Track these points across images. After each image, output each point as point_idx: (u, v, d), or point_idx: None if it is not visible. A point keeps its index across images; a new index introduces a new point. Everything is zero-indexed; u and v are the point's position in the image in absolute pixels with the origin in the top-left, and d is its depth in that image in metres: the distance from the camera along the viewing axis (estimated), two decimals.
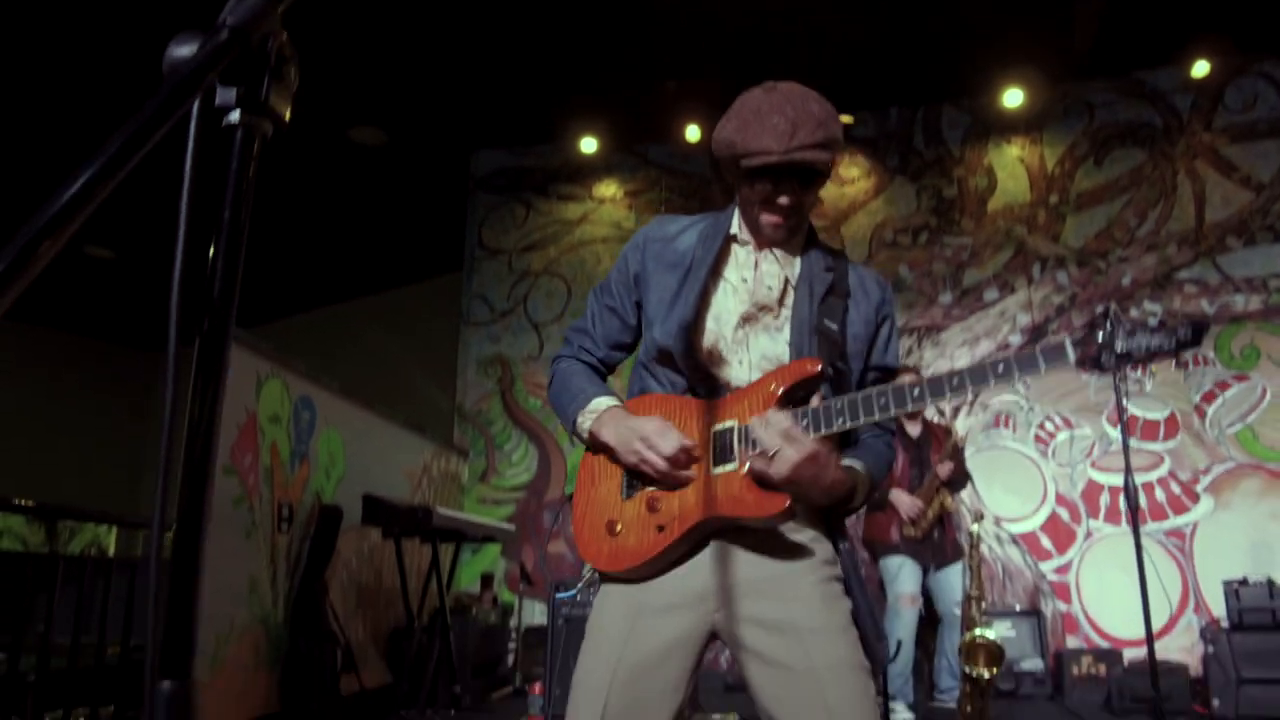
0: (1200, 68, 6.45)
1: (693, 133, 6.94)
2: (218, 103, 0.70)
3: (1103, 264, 6.62)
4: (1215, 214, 6.49)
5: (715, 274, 1.69)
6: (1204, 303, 6.35)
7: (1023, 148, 6.94)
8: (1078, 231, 6.73)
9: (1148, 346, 1.35)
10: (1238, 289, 6.32)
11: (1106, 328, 1.37)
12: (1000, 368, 1.42)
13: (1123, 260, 6.59)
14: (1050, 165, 6.87)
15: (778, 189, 1.58)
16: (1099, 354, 1.37)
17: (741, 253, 1.70)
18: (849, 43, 6.26)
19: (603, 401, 1.68)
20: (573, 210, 7.43)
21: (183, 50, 0.65)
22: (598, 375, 1.81)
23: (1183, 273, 6.46)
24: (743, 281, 1.68)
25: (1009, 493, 6.29)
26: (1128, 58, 6.64)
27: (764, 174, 1.57)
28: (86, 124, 6.05)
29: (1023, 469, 6.43)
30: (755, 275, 1.68)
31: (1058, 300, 6.64)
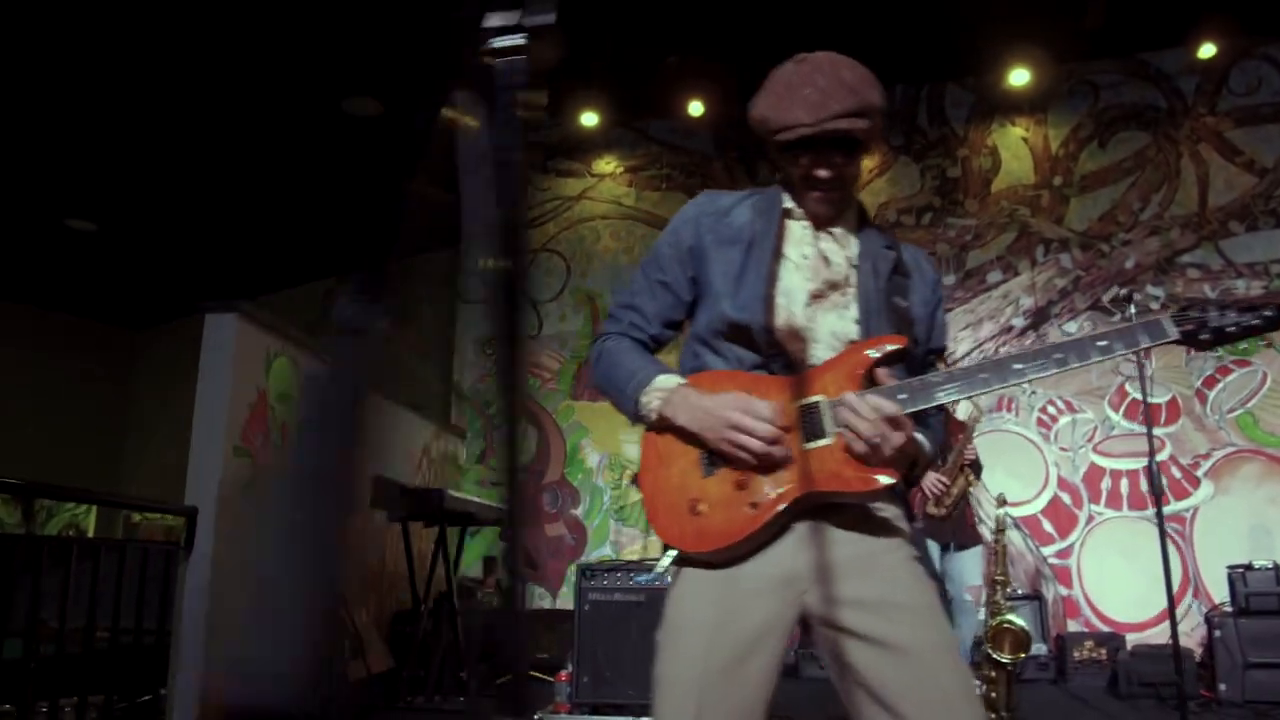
0: (1206, 50, 6.42)
1: (695, 108, 6.82)
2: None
3: (1106, 247, 6.60)
4: (1218, 198, 6.49)
5: (777, 250, 1.66)
6: (1206, 287, 6.36)
7: (1027, 128, 6.89)
8: (1081, 214, 6.70)
9: (1239, 324, 1.44)
10: (1240, 274, 6.33)
11: (1201, 306, 1.46)
12: (1103, 343, 1.44)
13: (1126, 244, 6.57)
14: (1054, 147, 6.83)
15: (816, 162, 1.56)
16: (1197, 330, 1.43)
17: (798, 228, 1.67)
18: (854, 18, 6.17)
19: (668, 379, 1.61)
20: (572, 186, 7.29)
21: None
22: (649, 352, 1.74)
23: (1185, 257, 6.46)
24: (804, 258, 1.65)
25: (1011, 476, 6.28)
26: (1133, 39, 6.59)
27: (800, 147, 1.55)
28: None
29: (1025, 452, 6.43)
30: (815, 252, 1.65)
31: (1061, 283, 6.62)
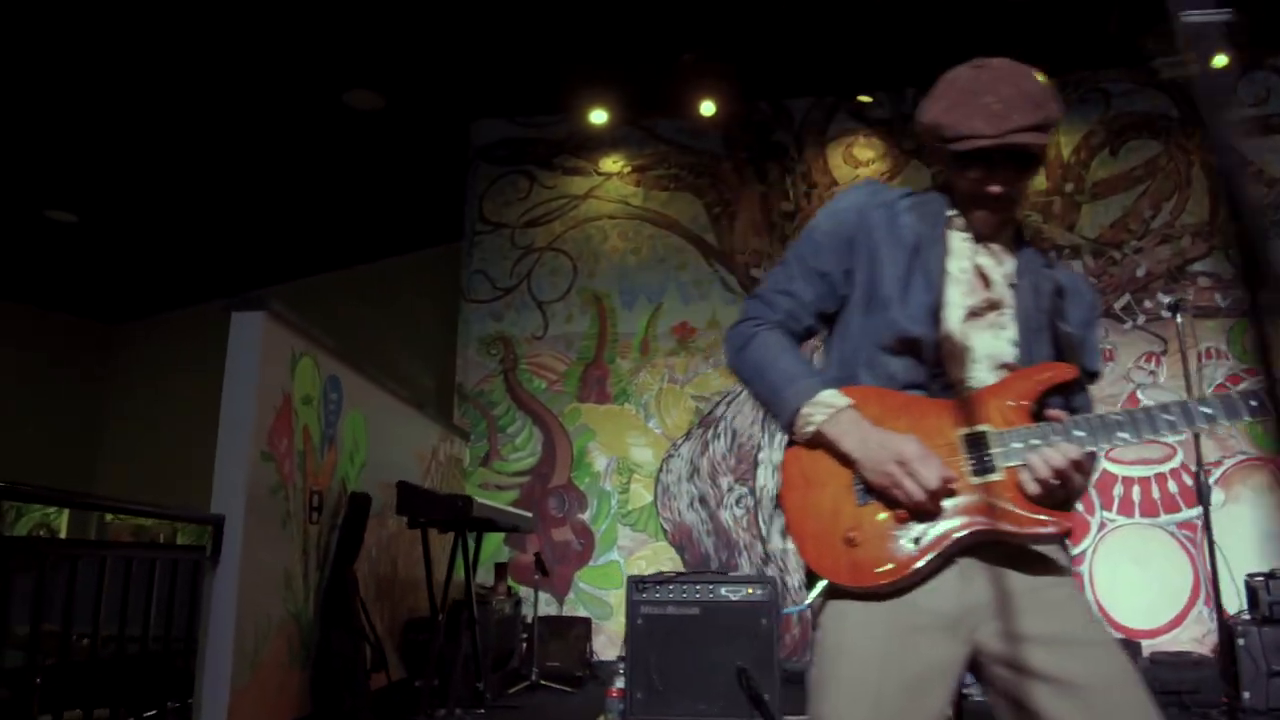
0: (1219, 60, 6.42)
1: (707, 108, 6.71)
2: None
3: (1117, 254, 6.59)
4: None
5: (943, 261, 1.57)
6: (1217, 296, 6.37)
7: None
8: (1093, 221, 6.69)
9: None
10: None
11: None
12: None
13: (1137, 251, 6.57)
14: (1066, 154, 6.81)
15: (990, 175, 1.49)
16: None
17: (957, 239, 1.59)
18: (868, 21, 6.11)
19: (834, 396, 1.51)
20: (578, 184, 7.15)
21: None
22: (799, 349, 1.64)
23: (1196, 265, 6.47)
24: (962, 272, 1.57)
25: None
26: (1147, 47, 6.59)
27: (975, 159, 1.48)
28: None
29: None
30: (972, 266, 1.58)
31: None
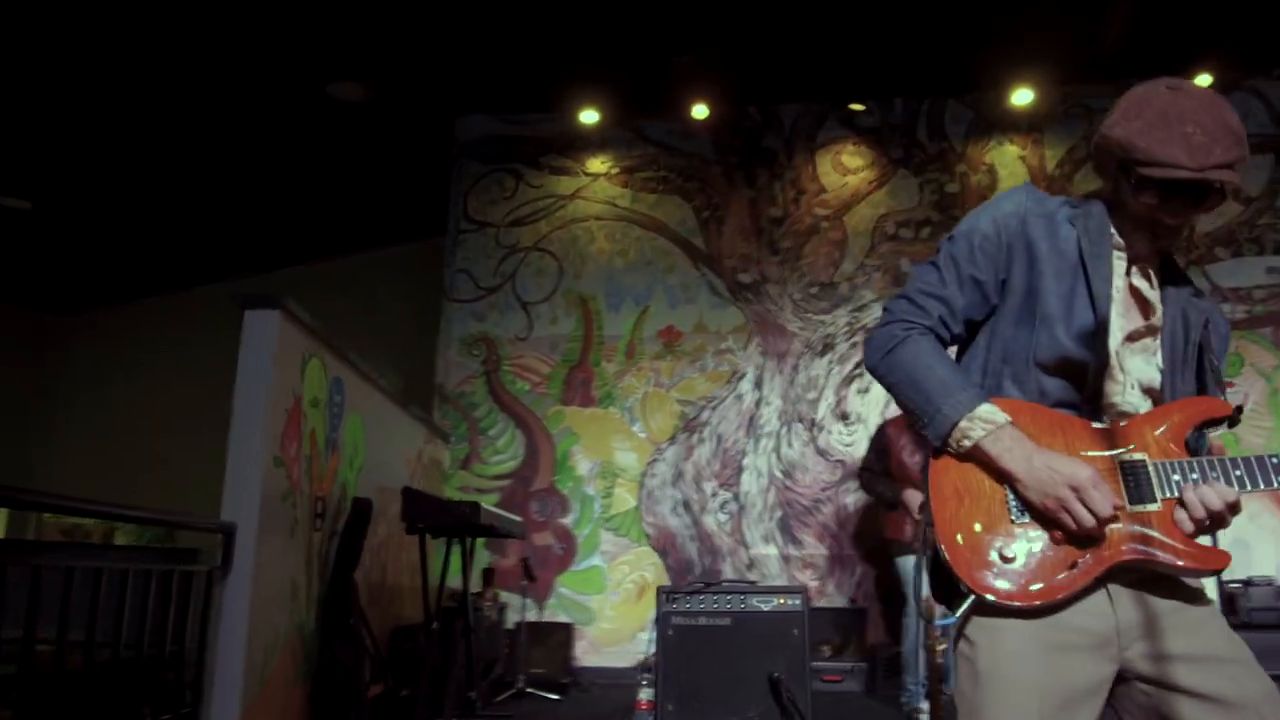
0: (1202, 79, 6.57)
1: (700, 110, 6.66)
2: None
3: None
4: (1205, 224, 6.65)
5: (1109, 283, 1.53)
6: None
7: (1024, 147, 6.95)
8: None
9: None
10: (1225, 299, 6.50)
11: None
12: None
13: None
14: (1050, 167, 6.91)
15: (1167, 205, 1.45)
16: None
17: (1114, 257, 1.55)
18: (860, 28, 6.13)
19: (995, 412, 1.47)
20: (565, 184, 7.04)
21: None
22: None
23: None
24: (1118, 291, 1.54)
25: None
26: (1131, 66, 6.70)
27: (1163, 187, 1.43)
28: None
29: None
30: (1125, 286, 1.56)
31: None
